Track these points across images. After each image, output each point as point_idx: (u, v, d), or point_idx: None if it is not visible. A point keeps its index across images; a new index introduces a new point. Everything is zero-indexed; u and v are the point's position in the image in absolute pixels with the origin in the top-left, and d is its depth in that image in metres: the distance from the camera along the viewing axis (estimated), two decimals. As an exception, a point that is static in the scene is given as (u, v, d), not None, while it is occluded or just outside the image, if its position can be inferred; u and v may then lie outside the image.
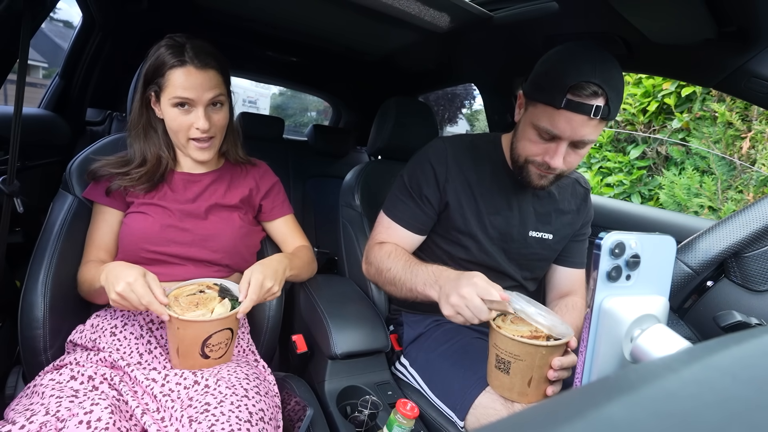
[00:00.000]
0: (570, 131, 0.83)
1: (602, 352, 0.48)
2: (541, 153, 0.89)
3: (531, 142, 0.89)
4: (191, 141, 0.90)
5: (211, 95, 0.87)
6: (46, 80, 2.72)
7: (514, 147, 0.96)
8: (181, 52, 0.85)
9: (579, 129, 0.82)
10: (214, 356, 0.78)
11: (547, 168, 0.89)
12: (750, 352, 0.21)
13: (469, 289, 0.76)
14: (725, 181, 2.47)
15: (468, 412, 0.84)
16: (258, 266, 0.85)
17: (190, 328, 0.74)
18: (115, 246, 0.93)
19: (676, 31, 0.91)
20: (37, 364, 0.82)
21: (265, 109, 8.20)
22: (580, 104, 0.80)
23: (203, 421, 0.65)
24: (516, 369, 0.76)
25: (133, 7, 1.39)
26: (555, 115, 0.83)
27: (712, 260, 0.78)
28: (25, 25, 0.82)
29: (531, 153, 0.90)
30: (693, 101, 2.64)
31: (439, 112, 7.73)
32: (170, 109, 0.87)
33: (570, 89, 0.80)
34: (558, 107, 0.81)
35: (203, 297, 0.80)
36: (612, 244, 0.46)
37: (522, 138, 0.92)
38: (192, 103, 0.87)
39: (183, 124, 0.88)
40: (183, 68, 0.84)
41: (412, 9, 1.15)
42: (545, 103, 0.83)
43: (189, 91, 0.85)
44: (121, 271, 0.73)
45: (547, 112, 0.84)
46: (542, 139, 0.87)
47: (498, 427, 0.17)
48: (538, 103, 0.86)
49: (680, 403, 0.17)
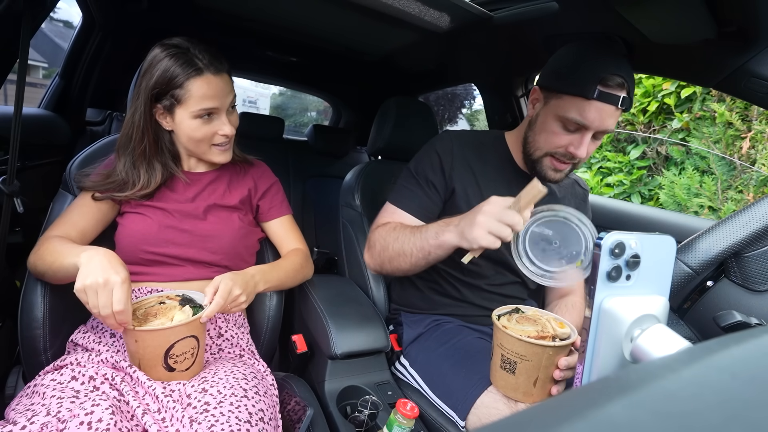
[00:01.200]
0: (599, 121, 0.86)
1: (602, 352, 0.48)
2: (564, 144, 0.91)
3: (554, 134, 0.91)
4: (214, 146, 0.90)
5: (230, 99, 0.87)
6: (46, 80, 2.72)
7: (532, 141, 0.97)
8: (191, 60, 0.81)
9: (606, 119, 0.86)
10: (180, 368, 0.73)
11: (570, 158, 0.92)
12: (750, 352, 0.21)
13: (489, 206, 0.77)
14: (725, 181, 2.47)
15: (469, 411, 0.84)
16: (230, 274, 0.82)
17: (148, 339, 0.70)
18: (89, 231, 0.87)
19: (676, 31, 0.91)
20: (37, 364, 0.82)
21: (265, 109, 8.21)
22: (610, 95, 0.84)
23: (203, 421, 0.65)
24: (522, 369, 0.76)
25: (133, 7, 1.39)
26: (585, 105, 0.85)
27: (712, 260, 0.78)
28: (25, 25, 0.82)
29: (554, 145, 0.92)
30: (693, 101, 2.64)
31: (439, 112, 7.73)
32: (191, 121, 0.85)
33: (601, 81, 0.83)
34: (590, 98, 0.84)
35: (163, 307, 0.76)
36: (612, 244, 0.46)
37: (542, 131, 0.93)
38: (216, 111, 0.85)
39: (207, 133, 0.87)
40: (202, 77, 0.82)
41: (412, 9, 1.15)
42: (574, 94, 0.86)
43: (213, 100, 0.83)
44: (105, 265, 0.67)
45: (576, 103, 0.86)
46: (567, 131, 0.90)
47: (498, 426, 0.17)
48: (565, 95, 0.88)
49: (680, 403, 0.17)
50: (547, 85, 0.92)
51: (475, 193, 1.02)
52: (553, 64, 0.93)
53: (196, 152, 0.92)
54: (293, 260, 1.02)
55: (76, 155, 0.97)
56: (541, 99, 0.95)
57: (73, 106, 1.57)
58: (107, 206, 0.90)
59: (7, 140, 0.84)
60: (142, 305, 0.77)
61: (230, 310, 0.80)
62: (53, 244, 0.79)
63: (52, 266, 0.76)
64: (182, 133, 0.88)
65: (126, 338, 0.72)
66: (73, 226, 0.85)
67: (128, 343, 0.73)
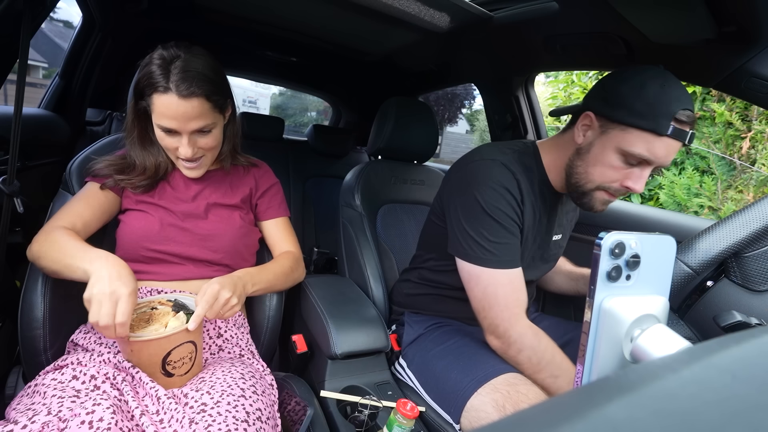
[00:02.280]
0: (665, 158, 0.80)
1: (602, 352, 0.48)
2: (620, 178, 0.84)
3: (612, 168, 0.84)
4: (179, 160, 0.89)
5: (195, 125, 0.82)
6: (46, 80, 2.72)
7: (583, 172, 0.88)
8: (166, 74, 0.79)
9: (672, 156, 0.81)
10: (179, 373, 0.73)
11: (623, 193, 0.86)
12: (750, 352, 0.21)
13: None
14: (725, 181, 2.47)
15: (461, 414, 0.84)
16: (216, 278, 0.81)
17: (144, 349, 0.69)
18: (93, 223, 0.87)
19: (676, 31, 0.91)
20: (37, 364, 0.82)
21: (265, 109, 8.21)
22: (681, 132, 0.78)
23: (200, 421, 0.65)
24: None
25: (133, 7, 1.39)
26: (655, 141, 0.78)
27: (712, 260, 0.78)
28: (25, 25, 0.82)
29: (609, 179, 0.85)
30: (693, 101, 2.64)
31: (439, 112, 7.73)
32: (157, 129, 0.85)
33: (675, 117, 0.77)
34: (663, 134, 0.77)
35: (156, 313, 0.75)
36: (612, 244, 0.46)
37: (599, 163, 0.85)
38: (175, 132, 0.84)
39: (169, 146, 0.86)
40: (165, 95, 0.79)
41: (412, 9, 1.15)
42: (645, 129, 0.78)
43: (171, 121, 0.81)
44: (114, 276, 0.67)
45: (644, 138, 0.79)
46: (627, 165, 0.82)
47: (498, 426, 0.17)
48: (631, 128, 0.79)
49: (680, 403, 0.17)
50: (608, 115, 0.82)
51: (530, 225, 0.95)
52: (614, 89, 0.83)
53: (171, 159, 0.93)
54: (283, 263, 1.01)
55: (76, 155, 0.97)
56: (596, 127, 0.85)
57: (73, 106, 1.57)
58: (112, 199, 0.90)
59: (7, 140, 0.84)
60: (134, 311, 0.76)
61: (225, 315, 0.79)
62: (60, 237, 0.77)
63: (58, 263, 0.75)
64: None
65: (122, 347, 0.71)
66: (79, 216, 0.84)
67: (124, 351, 0.72)
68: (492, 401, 0.81)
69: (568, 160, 0.91)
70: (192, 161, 0.89)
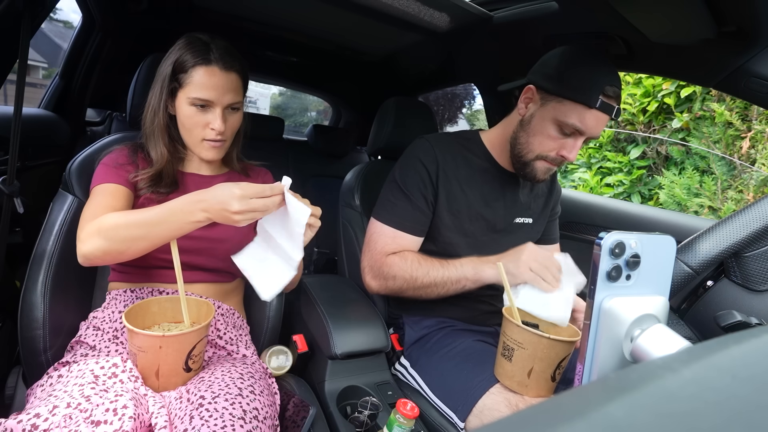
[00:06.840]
0: (595, 129, 0.89)
1: (602, 352, 0.48)
2: (556, 148, 0.93)
3: (549, 137, 0.92)
4: (204, 141, 0.89)
5: (230, 99, 0.87)
6: (46, 80, 2.71)
7: (524, 143, 0.96)
8: (206, 50, 0.84)
9: (600, 127, 0.90)
10: (195, 367, 0.77)
11: (560, 161, 0.94)
12: (750, 352, 0.21)
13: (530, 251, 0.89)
14: (725, 181, 2.47)
15: (470, 413, 0.84)
16: None
17: (174, 344, 0.71)
18: None
19: (676, 31, 0.91)
20: (38, 364, 0.82)
21: (265, 109, 8.20)
22: (608, 105, 0.86)
23: (196, 416, 0.66)
24: (518, 357, 0.80)
25: (133, 7, 1.39)
26: (586, 113, 0.87)
27: (712, 260, 0.78)
28: (25, 25, 0.82)
29: (547, 148, 0.93)
30: (693, 101, 2.64)
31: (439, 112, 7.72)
32: (186, 107, 0.86)
33: (603, 91, 0.85)
34: (592, 106, 0.86)
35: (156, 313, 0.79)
36: (612, 244, 0.46)
37: (537, 133, 0.94)
38: (211, 104, 0.86)
39: (198, 122, 0.87)
40: (207, 67, 0.84)
41: (412, 9, 1.15)
42: (577, 101, 0.87)
43: (209, 91, 0.84)
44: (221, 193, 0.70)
45: (577, 110, 0.87)
46: (562, 135, 0.91)
47: (498, 426, 0.17)
48: (566, 100, 0.88)
49: (680, 403, 0.17)
50: (547, 87, 0.91)
51: (459, 199, 1.02)
52: (553, 66, 0.92)
53: (189, 144, 0.91)
54: None
55: (76, 155, 0.97)
56: (537, 100, 0.94)
57: (73, 106, 1.57)
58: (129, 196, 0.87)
59: (7, 140, 0.84)
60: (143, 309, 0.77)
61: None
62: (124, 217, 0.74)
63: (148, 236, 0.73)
64: (179, 119, 0.89)
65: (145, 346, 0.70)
66: (113, 209, 0.80)
67: (149, 353, 0.71)
68: (505, 400, 0.82)
69: (512, 133, 1.00)
70: (216, 141, 0.90)
